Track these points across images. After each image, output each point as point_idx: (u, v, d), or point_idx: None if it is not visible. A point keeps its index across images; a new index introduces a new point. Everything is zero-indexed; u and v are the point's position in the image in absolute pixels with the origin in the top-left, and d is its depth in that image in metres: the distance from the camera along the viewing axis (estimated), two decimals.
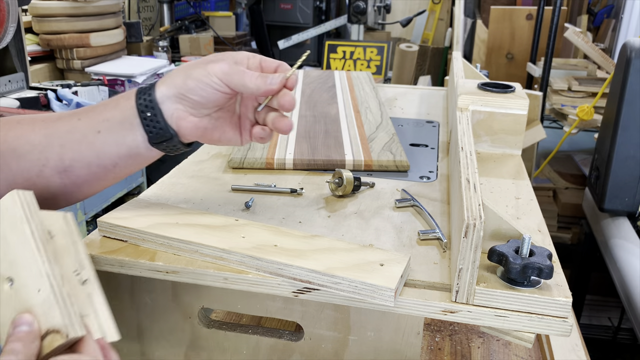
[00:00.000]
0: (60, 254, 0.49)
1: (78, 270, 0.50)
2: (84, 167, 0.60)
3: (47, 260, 0.47)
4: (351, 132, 0.96)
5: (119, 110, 0.60)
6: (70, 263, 0.50)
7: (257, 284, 0.58)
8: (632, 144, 1.56)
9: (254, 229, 0.63)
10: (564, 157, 2.69)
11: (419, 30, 4.43)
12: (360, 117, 1.05)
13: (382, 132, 0.97)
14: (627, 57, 1.54)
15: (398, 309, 0.56)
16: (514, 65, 3.06)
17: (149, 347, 0.68)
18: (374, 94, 1.21)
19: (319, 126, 0.99)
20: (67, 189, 0.61)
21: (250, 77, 0.60)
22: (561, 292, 0.53)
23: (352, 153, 0.87)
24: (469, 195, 0.58)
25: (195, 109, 0.60)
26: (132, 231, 0.62)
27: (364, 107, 1.11)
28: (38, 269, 0.46)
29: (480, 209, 0.54)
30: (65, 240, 0.50)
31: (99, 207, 2.00)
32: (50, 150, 0.59)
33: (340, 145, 0.90)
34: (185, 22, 3.24)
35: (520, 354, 0.85)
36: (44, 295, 0.46)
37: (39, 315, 0.46)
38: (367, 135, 0.96)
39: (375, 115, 1.06)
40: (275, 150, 0.87)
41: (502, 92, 0.92)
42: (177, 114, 0.60)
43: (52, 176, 0.59)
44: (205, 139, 0.64)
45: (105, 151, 0.60)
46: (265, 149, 0.88)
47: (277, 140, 0.92)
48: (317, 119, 1.03)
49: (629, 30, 3.31)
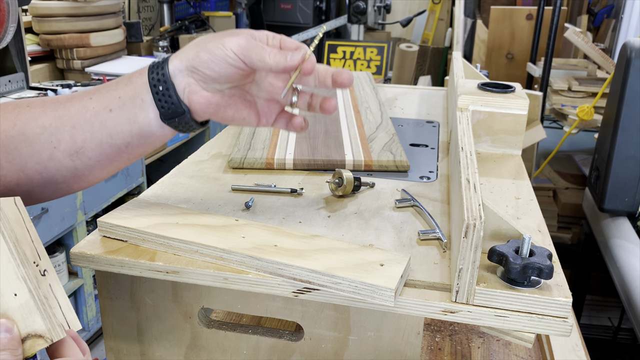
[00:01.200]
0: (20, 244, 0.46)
1: (37, 261, 0.47)
2: (96, 147, 0.59)
3: (22, 263, 0.44)
4: (351, 132, 0.96)
5: (131, 87, 0.59)
6: (29, 254, 0.47)
7: (257, 284, 0.58)
8: (632, 144, 1.56)
9: (254, 229, 0.63)
10: (564, 157, 2.69)
11: (419, 30, 4.43)
12: (360, 117, 1.05)
13: (382, 132, 0.97)
14: (627, 57, 1.54)
15: (398, 309, 0.56)
16: (514, 65, 3.06)
17: (149, 347, 0.68)
18: (374, 94, 1.21)
19: (319, 126, 0.99)
20: (78, 172, 0.60)
21: (269, 52, 0.57)
22: (561, 292, 0.53)
23: (352, 153, 0.87)
24: (469, 195, 0.58)
25: (207, 83, 0.59)
26: (132, 231, 0.62)
27: (364, 107, 1.11)
28: (14, 272, 0.44)
29: (480, 209, 0.54)
30: (21, 229, 0.47)
31: (99, 207, 2.00)
32: (61, 132, 0.58)
33: (340, 146, 0.90)
34: (185, 22, 3.24)
35: (520, 354, 0.85)
36: (21, 300, 0.44)
37: (17, 319, 0.44)
38: (367, 135, 0.95)
39: (375, 115, 1.06)
40: (275, 151, 0.87)
41: (502, 92, 0.92)
42: (189, 88, 0.58)
43: (64, 159, 0.59)
44: (219, 117, 0.62)
45: (118, 130, 0.59)
46: (265, 149, 0.88)
47: (277, 140, 0.92)
48: (317, 119, 1.02)
49: (629, 30, 3.31)
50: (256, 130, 0.96)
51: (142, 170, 2.24)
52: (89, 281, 2.01)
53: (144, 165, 2.26)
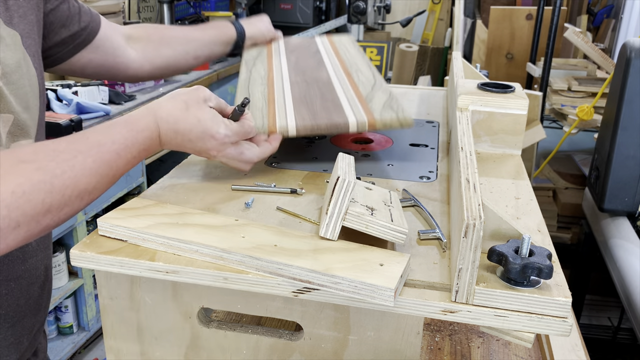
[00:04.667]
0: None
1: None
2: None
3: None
4: (347, 94, 0.92)
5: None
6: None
7: (256, 284, 0.58)
8: (632, 144, 1.56)
9: (254, 229, 0.63)
10: (563, 157, 2.69)
11: (419, 30, 4.42)
12: (352, 78, 1.01)
13: (379, 92, 0.93)
14: (627, 57, 1.54)
15: (398, 309, 0.56)
16: (514, 65, 3.06)
17: (149, 347, 0.68)
18: (361, 55, 1.15)
19: (313, 91, 0.94)
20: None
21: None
22: (561, 292, 0.54)
23: (353, 114, 0.84)
24: (468, 195, 0.58)
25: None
26: (132, 231, 0.62)
27: (354, 69, 1.06)
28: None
29: (480, 209, 0.54)
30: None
31: (99, 207, 2.00)
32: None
33: (340, 108, 0.87)
34: (186, 22, 3.24)
35: (520, 353, 0.85)
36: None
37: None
38: (364, 95, 0.92)
39: (367, 75, 1.02)
40: (276, 119, 0.83)
41: (502, 92, 0.92)
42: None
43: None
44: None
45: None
46: (265, 117, 0.84)
47: (275, 108, 0.87)
48: (310, 84, 0.98)
49: (629, 30, 3.31)
50: (250, 101, 0.90)
51: (142, 170, 2.24)
52: (89, 281, 2.01)
53: (144, 165, 2.26)
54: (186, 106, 0.71)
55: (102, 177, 0.63)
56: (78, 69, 0.92)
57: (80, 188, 0.60)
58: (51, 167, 0.58)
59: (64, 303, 1.97)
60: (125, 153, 0.65)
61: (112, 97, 2.22)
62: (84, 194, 0.61)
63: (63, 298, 1.92)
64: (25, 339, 0.80)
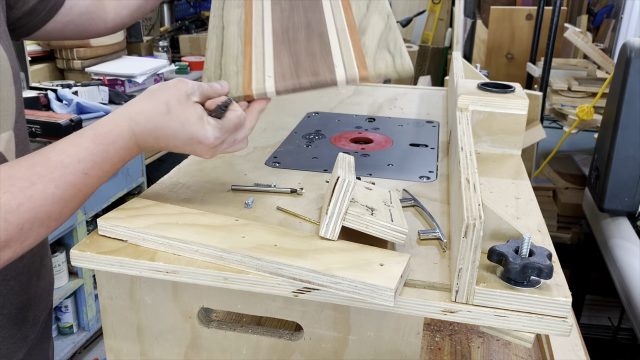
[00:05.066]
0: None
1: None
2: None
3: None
4: (337, 22, 0.78)
5: None
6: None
7: (257, 284, 0.58)
8: (632, 144, 1.56)
9: (254, 229, 0.63)
10: (563, 157, 2.69)
11: (419, 30, 4.42)
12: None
13: (375, 15, 0.78)
14: (627, 57, 1.54)
15: (398, 309, 0.56)
16: (514, 65, 3.06)
17: (149, 347, 0.68)
18: None
19: (298, 16, 0.80)
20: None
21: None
22: (561, 292, 0.54)
23: (342, 62, 0.72)
24: (468, 195, 0.58)
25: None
26: (132, 231, 0.62)
27: None
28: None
29: (480, 209, 0.54)
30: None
31: (99, 207, 2.00)
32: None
33: (328, 50, 0.74)
34: (186, 22, 3.24)
35: (520, 353, 0.85)
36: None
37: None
38: (358, 22, 0.78)
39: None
40: (252, 74, 0.72)
41: (502, 92, 0.92)
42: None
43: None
44: None
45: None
46: (240, 73, 0.73)
47: (252, 53, 0.75)
48: (294, 5, 0.83)
49: (629, 30, 3.31)
50: (224, 43, 0.78)
51: (142, 170, 2.24)
52: (89, 281, 2.01)
53: (144, 165, 2.26)
54: (167, 109, 0.62)
55: (69, 202, 0.57)
56: (56, 33, 0.86)
57: (41, 218, 0.55)
58: (5, 201, 0.52)
59: (64, 303, 1.97)
60: (94, 171, 0.59)
61: (112, 97, 2.22)
62: (49, 221, 0.56)
63: (63, 298, 1.92)
64: (31, 332, 0.80)
